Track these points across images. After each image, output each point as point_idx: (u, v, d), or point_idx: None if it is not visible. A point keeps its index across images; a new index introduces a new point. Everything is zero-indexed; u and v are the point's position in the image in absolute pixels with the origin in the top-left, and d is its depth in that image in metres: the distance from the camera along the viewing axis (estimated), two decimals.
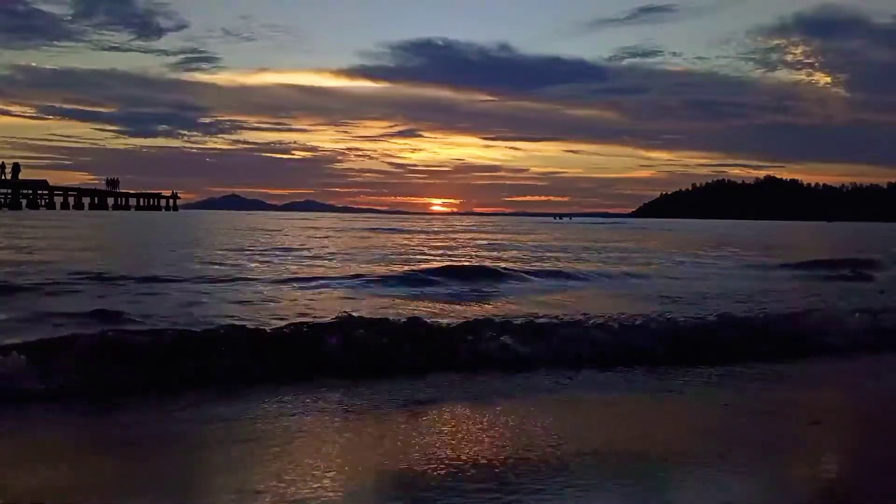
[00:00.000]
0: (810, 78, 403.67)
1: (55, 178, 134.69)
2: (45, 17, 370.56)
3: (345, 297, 10.86)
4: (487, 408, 5.22)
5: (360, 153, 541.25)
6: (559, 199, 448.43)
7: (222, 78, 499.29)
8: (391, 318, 7.62)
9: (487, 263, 17.42)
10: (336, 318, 7.13)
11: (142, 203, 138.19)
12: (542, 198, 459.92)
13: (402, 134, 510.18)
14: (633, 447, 4.37)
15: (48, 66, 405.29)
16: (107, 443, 4.47)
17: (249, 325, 6.97)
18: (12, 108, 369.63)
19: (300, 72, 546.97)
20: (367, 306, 9.62)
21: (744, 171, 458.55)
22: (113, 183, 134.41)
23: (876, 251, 25.31)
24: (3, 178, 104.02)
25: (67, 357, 5.38)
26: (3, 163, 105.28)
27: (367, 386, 5.72)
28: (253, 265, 16.37)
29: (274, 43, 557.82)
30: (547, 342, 7.01)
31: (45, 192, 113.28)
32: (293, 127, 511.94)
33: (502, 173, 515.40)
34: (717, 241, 36.45)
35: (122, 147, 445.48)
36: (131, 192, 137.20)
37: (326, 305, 9.66)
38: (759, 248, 29.92)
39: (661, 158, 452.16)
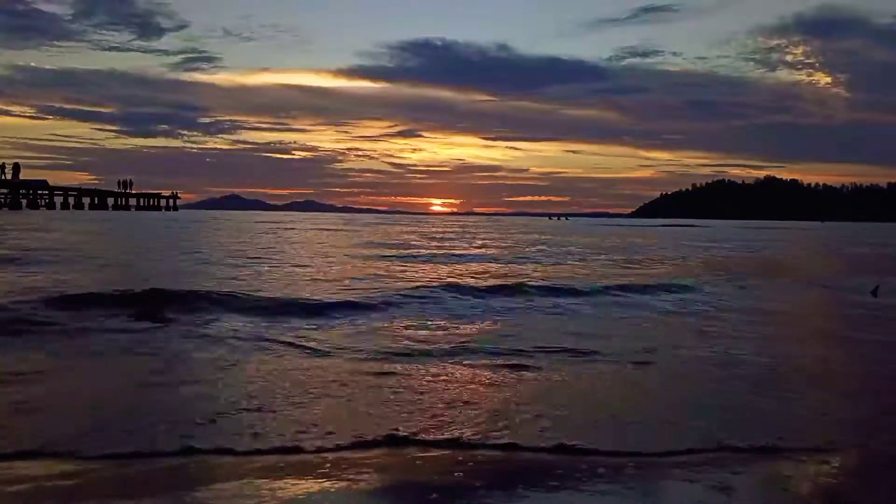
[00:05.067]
0: (810, 78, 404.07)
1: (55, 178, 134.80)
2: (45, 17, 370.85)
3: None
4: None
5: (360, 153, 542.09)
6: (559, 199, 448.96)
7: (222, 78, 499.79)
8: None
9: None
10: None
11: (142, 203, 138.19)
12: (542, 198, 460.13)
13: (402, 134, 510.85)
14: None
15: (48, 66, 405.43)
16: None
17: None
18: (12, 108, 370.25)
19: (300, 72, 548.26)
20: None
21: (744, 171, 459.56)
22: (125, 184, 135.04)
23: None
24: (3, 178, 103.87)
25: None
26: (3, 163, 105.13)
27: None
28: None
29: (274, 43, 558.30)
30: None
31: (45, 192, 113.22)
32: (293, 127, 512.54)
33: (502, 173, 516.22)
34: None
35: (122, 147, 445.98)
36: (131, 192, 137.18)
37: None
38: None
39: (661, 158, 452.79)
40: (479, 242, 34.94)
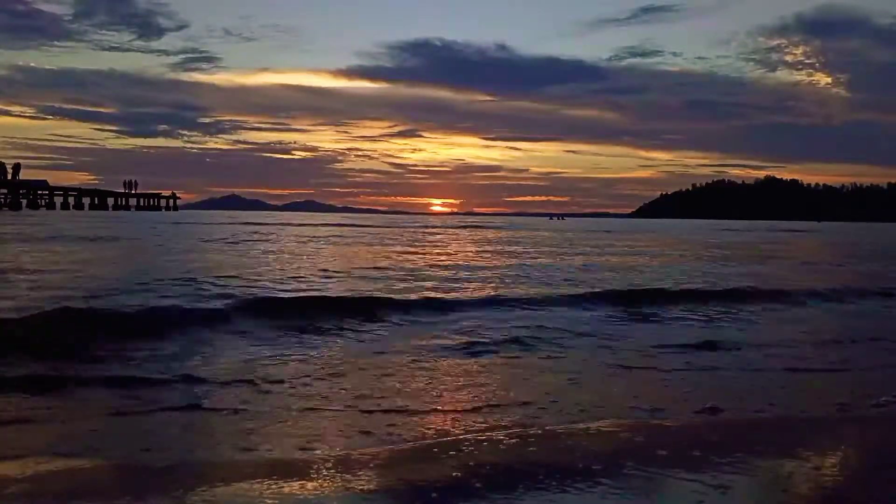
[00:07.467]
0: (810, 78, 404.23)
1: (55, 178, 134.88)
2: (45, 17, 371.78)
3: None
4: None
5: (360, 153, 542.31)
6: (559, 199, 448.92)
7: (222, 78, 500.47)
8: None
9: None
10: None
11: (142, 203, 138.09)
12: (542, 198, 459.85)
13: (402, 134, 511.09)
14: None
15: (48, 66, 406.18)
16: None
17: None
18: (12, 108, 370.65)
19: (300, 72, 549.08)
20: None
21: (744, 171, 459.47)
22: (130, 185, 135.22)
23: None
24: (3, 178, 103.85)
25: None
26: (3, 163, 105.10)
27: None
28: None
29: (274, 43, 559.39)
30: None
31: (45, 192, 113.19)
32: (293, 127, 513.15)
33: (502, 173, 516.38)
34: None
35: (122, 147, 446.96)
36: (131, 192, 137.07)
37: None
38: None
39: (661, 158, 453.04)
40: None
